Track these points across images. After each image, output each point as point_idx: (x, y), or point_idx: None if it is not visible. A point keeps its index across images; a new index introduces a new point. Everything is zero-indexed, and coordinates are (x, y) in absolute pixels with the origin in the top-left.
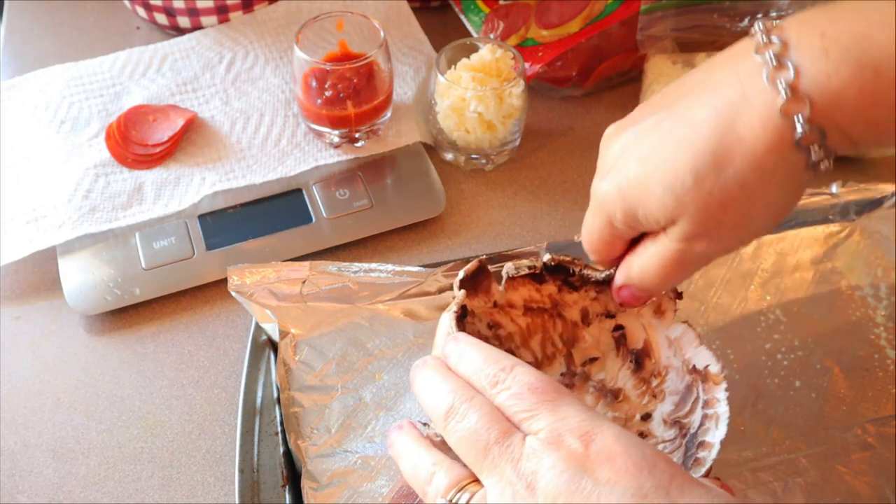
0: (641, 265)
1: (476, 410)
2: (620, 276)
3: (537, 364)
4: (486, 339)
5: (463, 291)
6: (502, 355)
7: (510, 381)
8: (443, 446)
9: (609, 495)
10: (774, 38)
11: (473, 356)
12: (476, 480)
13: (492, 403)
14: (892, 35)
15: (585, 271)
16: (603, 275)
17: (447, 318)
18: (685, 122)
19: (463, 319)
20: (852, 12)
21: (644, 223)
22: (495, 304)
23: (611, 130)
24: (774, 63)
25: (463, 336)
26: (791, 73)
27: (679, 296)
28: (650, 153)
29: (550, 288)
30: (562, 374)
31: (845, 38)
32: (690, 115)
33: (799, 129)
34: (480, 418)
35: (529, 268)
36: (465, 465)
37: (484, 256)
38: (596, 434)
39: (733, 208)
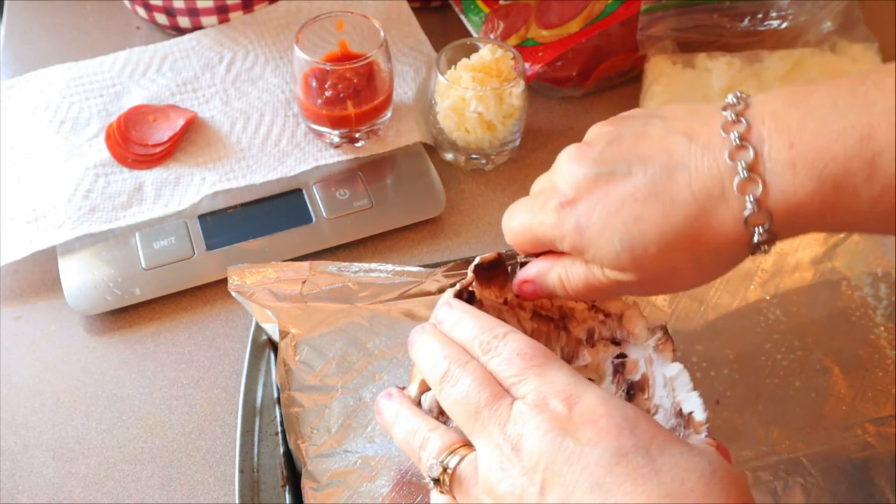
0: (564, 279)
1: (469, 375)
2: (533, 274)
3: None
4: None
5: (472, 275)
6: (497, 323)
7: (501, 347)
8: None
9: (589, 455)
10: (746, 145)
11: (469, 323)
12: (467, 444)
13: (485, 369)
14: (848, 148)
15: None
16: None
17: (447, 294)
18: (664, 196)
19: (471, 303)
20: (818, 116)
21: (586, 258)
22: (506, 301)
23: (572, 152)
24: (745, 175)
25: (457, 303)
26: (759, 187)
27: (668, 336)
28: (618, 208)
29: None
30: None
31: (810, 152)
32: (670, 190)
33: (757, 237)
34: (472, 382)
35: None
36: (457, 431)
37: (503, 251)
38: (580, 397)
39: (679, 275)
